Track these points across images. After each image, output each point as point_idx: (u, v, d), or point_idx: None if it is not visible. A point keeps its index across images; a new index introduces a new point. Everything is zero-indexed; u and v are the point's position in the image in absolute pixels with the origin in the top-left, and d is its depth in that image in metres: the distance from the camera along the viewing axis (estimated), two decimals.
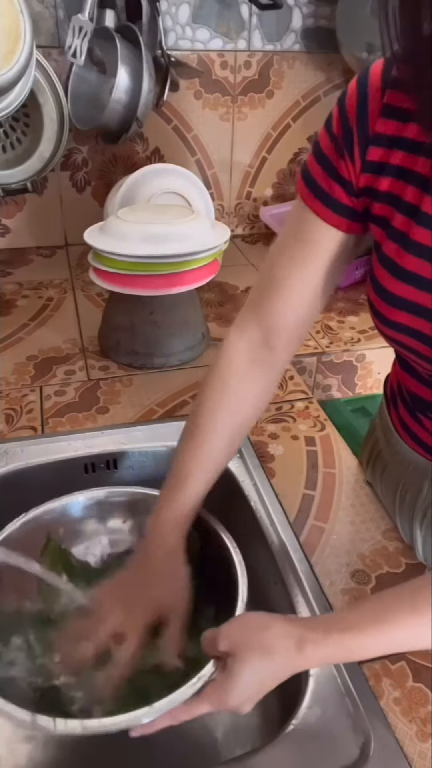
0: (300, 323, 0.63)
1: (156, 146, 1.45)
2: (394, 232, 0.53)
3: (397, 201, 0.53)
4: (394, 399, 0.74)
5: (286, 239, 0.61)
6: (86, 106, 1.26)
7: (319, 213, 0.57)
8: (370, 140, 0.52)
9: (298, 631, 0.47)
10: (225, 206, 1.59)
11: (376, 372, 1.16)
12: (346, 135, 0.54)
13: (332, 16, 1.36)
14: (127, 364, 1.02)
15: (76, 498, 0.69)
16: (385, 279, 0.55)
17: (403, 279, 0.53)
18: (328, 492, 0.78)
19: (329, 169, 0.56)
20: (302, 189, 0.59)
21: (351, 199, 0.56)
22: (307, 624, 0.49)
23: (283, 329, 0.62)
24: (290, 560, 0.67)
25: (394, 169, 0.52)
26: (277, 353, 0.64)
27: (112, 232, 0.95)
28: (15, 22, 1.01)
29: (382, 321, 0.58)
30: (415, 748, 0.51)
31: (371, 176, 0.53)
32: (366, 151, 0.53)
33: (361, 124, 0.52)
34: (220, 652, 0.49)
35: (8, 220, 1.46)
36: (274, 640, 0.47)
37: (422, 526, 0.73)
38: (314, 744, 0.52)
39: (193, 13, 1.33)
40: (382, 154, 0.52)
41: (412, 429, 0.70)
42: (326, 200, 0.57)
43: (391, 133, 0.51)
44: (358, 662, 0.58)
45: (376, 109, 0.51)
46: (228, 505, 0.78)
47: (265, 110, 1.49)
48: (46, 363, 1.03)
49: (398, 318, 0.55)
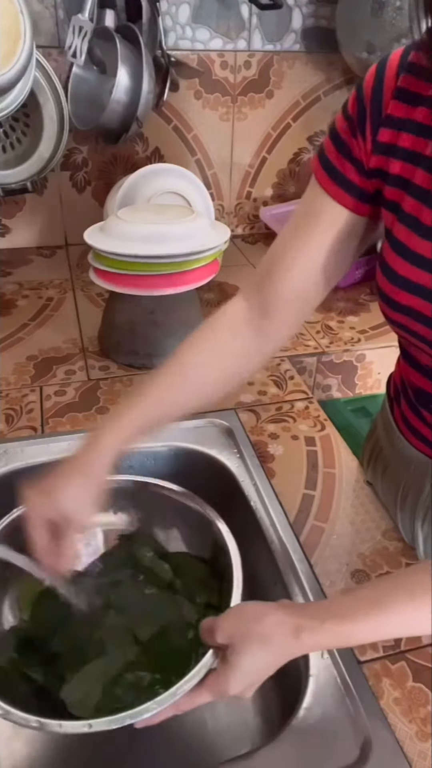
0: (300, 300, 0.63)
1: (156, 146, 1.45)
2: (405, 216, 0.55)
3: (408, 184, 0.54)
4: (397, 396, 0.74)
5: (296, 216, 0.63)
6: (86, 106, 1.26)
7: (328, 189, 0.59)
8: (382, 121, 0.54)
9: (294, 619, 0.48)
10: (225, 206, 1.59)
11: (376, 372, 1.16)
12: (360, 115, 0.55)
13: (332, 16, 1.36)
14: (127, 364, 1.02)
15: None
16: (395, 262, 0.56)
17: (413, 262, 0.54)
18: (328, 492, 0.78)
19: (342, 149, 0.57)
20: (316, 167, 0.60)
21: (361, 179, 0.57)
22: (302, 611, 0.50)
23: (282, 301, 0.62)
24: (290, 560, 0.67)
25: (404, 153, 0.53)
26: (273, 324, 0.64)
27: (112, 232, 0.95)
28: (15, 22, 1.01)
29: (389, 304, 0.58)
30: (415, 748, 0.51)
31: (382, 158, 0.55)
32: (377, 131, 0.54)
33: (375, 105, 0.54)
34: (218, 643, 0.50)
35: (8, 220, 1.46)
36: (271, 628, 0.48)
37: (423, 524, 0.73)
38: (314, 744, 0.52)
39: (193, 13, 1.33)
40: (392, 135, 0.54)
41: (414, 426, 0.70)
42: (336, 177, 0.58)
43: (400, 116, 0.53)
44: (358, 662, 0.58)
45: (390, 92, 0.53)
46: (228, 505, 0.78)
47: (265, 110, 1.49)
48: (46, 363, 1.03)
49: (405, 300, 0.56)
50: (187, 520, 0.68)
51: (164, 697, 0.49)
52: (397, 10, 1.18)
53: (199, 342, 0.65)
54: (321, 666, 0.57)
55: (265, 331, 0.64)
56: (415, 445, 0.71)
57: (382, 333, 1.17)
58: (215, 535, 0.63)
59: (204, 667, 0.50)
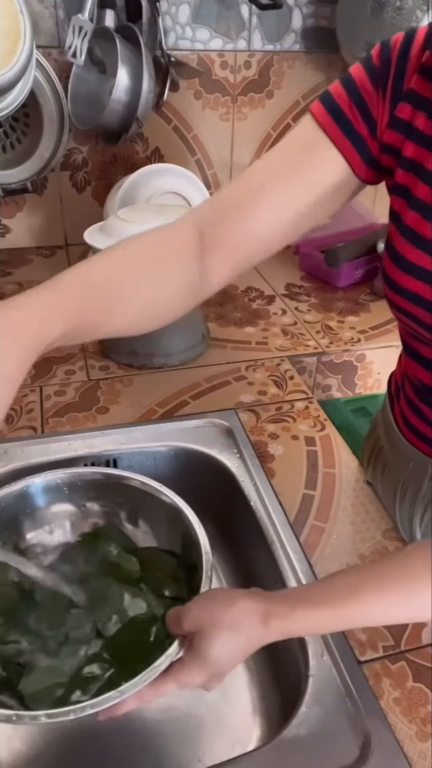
0: (253, 246, 0.57)
1: (156, 146, 1.45)
2: (417, 202, 0.54)
3: (420, 169, 0.52)
4: (398, 394, 0.74)
5: (283, 149, 0.57)
6: (86, 106, 1.26)
7: (331, 133, 0.54)
8: (403, 94, 0.52)
9: (263, 606, 0.47)
10: None
11: (376, 372, 1.16)
12: (384, 70, 0.52)
13: (332, 16, 1.36)
14: (127, 364, 1.02)
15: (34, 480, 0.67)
16: (404, 248, 0.55)
17: (424, 248, 0.54)
18: (328, 492, 0.78)
19: (357, 99, 0.54)
20: (319, 109, 0.55)
21: (371, 140, 0.54)
22: (272, 598, 0.49)
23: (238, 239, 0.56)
24: (290, 560, 0.67)
25: (419, 136, 0.52)
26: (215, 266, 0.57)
27: (112, 232, 0.95)
28: (15, 22, 1.01)
29: (396, 289, 0.58)
30: (415, 748, 0.51)
31: (398, 136, 0.53)
32: (397, 103, 0.52)
33: (400, 70, 0.52)
34: (185, 631, 0.49)
35: (8, 220, 1.46)
36: (240, 615, 0.47)
37: (422, 523, 0.74)
38: (314, 744, 0.52)
39: (193, 13, 1.33)
40: (410, 113, 0.52)
41: (413, 424, 0.70)
42: (343, 124, 0.54)
43: (421, 93, 0.51)
44: (358, 662, 0.58)
45: (414, 65, 0.51)
46: (228, 505, 0.78)
47: (265, 110, 1.49)
48: (46, 363, 1.03)
49: (412, 286, 0.56)
50: (158, 514, 0.66)
51: (126, 687, 0.47)
52: (397, 10, 1.18)
53: (143, 258, 0.56)
54: (321, 666, 0.57)
55: (207, 271, 0.57)
56: (414, 443, 0.71)
57: (382, 333, 1.17)
58: (186, 528, 0.61)
59: (169, 657, 0.49)
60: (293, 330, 1.16)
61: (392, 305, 0.61)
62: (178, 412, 0.91)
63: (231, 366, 1.03)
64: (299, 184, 0.55)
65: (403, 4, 1.16)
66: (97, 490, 0.69)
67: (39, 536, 0.68)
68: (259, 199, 0.55)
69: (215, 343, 1.10)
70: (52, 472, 0.68)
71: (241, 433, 0.86)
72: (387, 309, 0.65)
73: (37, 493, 0.67)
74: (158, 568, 0.64)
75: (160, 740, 0.62)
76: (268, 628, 0.46)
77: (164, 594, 0.61)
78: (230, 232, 0.56)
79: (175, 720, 0.63)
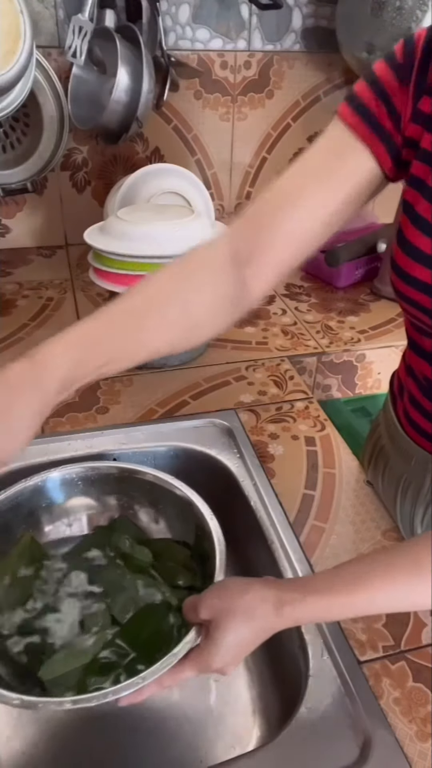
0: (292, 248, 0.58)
1: (156, 146, 1.45)
2: (431, 192, 0.54)
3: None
4: (400, 392, 0.74)
5: (314, 152, 0.58)
6: (86, 106, 1.26)
7: (359, 131, 0.55)
8: (427, 88, 0.53)
9: (276, 593, 0.48)
10: (225, 206, 1.59)
11: (376, 372, 1.16)
12: (408, 64, 0.53)
13: (332, 16, 1.36)
14: None
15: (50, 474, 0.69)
16: (416, 237, 0.56)
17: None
18: (328, 492, 0.78)
19: (381, 94, 0.55)
20: (345, 110, 0.56)
21: (396, 135, 0.55)
22: (285, 586, 0.50)
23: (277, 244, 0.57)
24: (290, 560, 0.67)
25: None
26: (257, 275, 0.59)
27: (112, 232, 0.95)
28: (15, 22, 1.01)
29: (405, 279, 0.58)
30: (415, 748, 0.51)
31: (419, 128, 0.54)
32: (420, 97, 0.53)
33: (424, 65, 0.52)
34: (201, 619, 0.50)
35: (8, 220, 1.46)
36: (254, 603, 0.48)
37: (423, 522, 0.74)
38: (314, 744, 0.52)
39: (193, 13, 1.33)
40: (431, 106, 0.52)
41: (415, 421, 0.70)
42: (371, 121, 0.55)
43: None
44: (358, 662, 0.58)
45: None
46: (228, 505, 0.78)
47: (265, 110, 1.49)
48: None
49: (422, 275, 0.56)
50: (171, 506, 0.69)
51: (147, 673, 0.49)
52: (397, 10, 1.18)
53: (175, 279, 0.57)
54: (321, 666, 0.57)
55: (246, 283, 0.58)
56: (416, 440, 0.71)
57: (382, 333, 1.17)
58: (198, 519, 0.64)
59: (187, 644, 0.51)
60: (293, 330, 1.16)
61: (401, 296, 0.61)
62: (178, 412, 0.91)
63: (231, 366, 1.03)
64: (331, 186, 0.56)
65: (403, 4, 1.16)
66: (112, 483, 0.71)
67: (57, 529, 0.71)
68: (293, 205, 0.56)
69: (215, 343, 1.10)
70: (67, 467, 0.70)
71: (241, 433, 0.86)
72: (387, 309, 0.65)
73: (54, 487, 0.70)
74: (172, 558, 0.66)
75: (161, 741, 0.62)
76: (281, 615, 0.48)
77: (178, 584, 0.63)
78: (266, 240, 0.57)
79: (175, 720, 0.63)
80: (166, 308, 0.56)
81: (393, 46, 0.55)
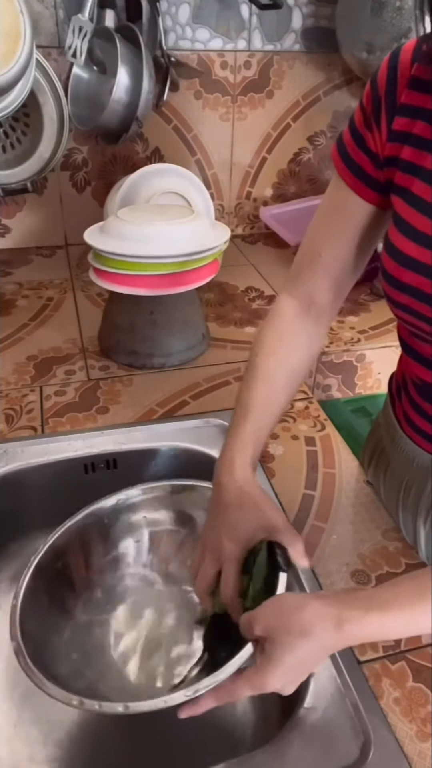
0: (340, 285, 0.67)
1: (156, 146, 1.45)
2: (414, 199, 0.56)
3: (418, 169, 0.55)
4: (399, 393, 0.74)
5: (322, 210, 0.66)
6: (86, 106, 1.26)
7: (348, 181, 0.62)
8: (396, 110, 0.55)
9: (335, 610, 0.47)
10: (225, 206, 1.59)
11: (376, 372, 1.16)
12: (375, 107, 0.57)
13: (332, 16, 1.36)
14: (127, 364, 1.02)
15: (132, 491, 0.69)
16: (403, 244, 0.58)
17: (422, 243, 0.56)
18: (328, 492, 0.78)
19: (359, 141, 0.60)
20: (336, 159, 0.63)
21: (376, 171, 0.59)
22: (344, 602, 0.48)
23: (325, 288, 0.67)
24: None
25: (416, 139, 0.55)
26: (323, 310, 0.68)
27: (112, 232, 0.95)
28: (15, 22, 1.01)
29: (393, 284, 0.60)
30: (415, 748, 0.51)
31: (397, 145, 0.56)
32: (392, 120, 0.55)
33: (390, 95, 0.55)
34: (256, 636, 0.49)
35: (8, 220, 1.46)
36: (311, 621, 0.47)
37: (426, 523, 0.73)
38: (314, 744, 0.52)
39: (193, 13, 1.33)
40: (407, 123, 0.55)
41: (415, 423, 0.70)
42: (354, 169, 0.60)
43: (415, 104, 0.54)
44: (358, 662, 0.58)
45: (404, 82, 0.54)
46: None
47: (265, 110, 1.49)
48: (46, 363, 1.03)
49: (408, 279, 0.58)
50: None
51: (201, 686, 0.48)
52: (397, 10, 1.18)
53: (274, 348, 0.67)
54: (321, 666, 0.57)
55: (317, 317, 0.68)
56: (417, 442, 0.71)
57: (382, 333, 1.17)
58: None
59: (240, 658, 0.49)
60: None
61: (392, 303, 0.62)
62: (178, 412, 0.91)
63: (231, 366, 1.03)
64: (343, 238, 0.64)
65: (403, 4, 1.16)
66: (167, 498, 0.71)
67: (127, 545, 0.70)
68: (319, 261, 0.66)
69: (215, 343, 1.10)
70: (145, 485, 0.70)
71: None
72: (387, 309, 0.66)
73: (129, 505, 0.69)
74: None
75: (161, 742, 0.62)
76: (342, 633, 0.46)
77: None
78: (316, 287, 0.67)
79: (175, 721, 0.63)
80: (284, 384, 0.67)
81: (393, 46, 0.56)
